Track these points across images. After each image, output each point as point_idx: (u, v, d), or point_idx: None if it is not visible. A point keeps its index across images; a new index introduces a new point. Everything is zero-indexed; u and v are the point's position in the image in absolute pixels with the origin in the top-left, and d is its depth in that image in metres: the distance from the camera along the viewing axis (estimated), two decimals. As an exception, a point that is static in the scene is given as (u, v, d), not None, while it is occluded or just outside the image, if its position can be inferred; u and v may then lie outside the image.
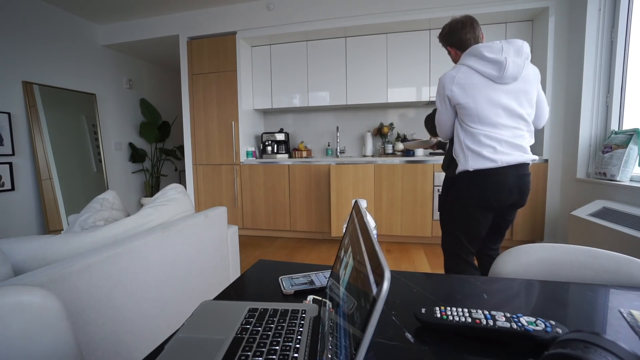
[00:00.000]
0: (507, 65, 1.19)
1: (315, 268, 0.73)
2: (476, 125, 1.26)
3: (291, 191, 3.25)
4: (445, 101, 1.32)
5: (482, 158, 1.25)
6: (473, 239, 1.36)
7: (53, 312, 0.63)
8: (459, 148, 1.33)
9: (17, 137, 2.93)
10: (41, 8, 3.09)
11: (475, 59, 1.25)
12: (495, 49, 1.22)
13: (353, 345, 0.28)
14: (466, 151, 1.29)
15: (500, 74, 1.21)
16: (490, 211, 1.31)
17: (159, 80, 4.69)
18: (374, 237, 0.35)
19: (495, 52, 1.21)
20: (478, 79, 1.24)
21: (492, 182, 1.26)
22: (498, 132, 1.25)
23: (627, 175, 2.06)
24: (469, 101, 1.24)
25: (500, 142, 1.24)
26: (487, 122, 1.24)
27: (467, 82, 1.24)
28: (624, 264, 0.70)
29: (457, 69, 1.28)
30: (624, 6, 2.22)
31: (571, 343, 0.32)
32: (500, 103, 1.24)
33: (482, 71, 1.23)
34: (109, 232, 1.04)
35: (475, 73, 1.24)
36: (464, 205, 1.33)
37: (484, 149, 1.24)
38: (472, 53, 1.26)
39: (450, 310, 0.47)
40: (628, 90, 2.25)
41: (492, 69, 1.22)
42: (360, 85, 3.29)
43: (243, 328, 0.46)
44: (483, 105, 1.24)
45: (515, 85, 1.24)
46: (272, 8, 3.21)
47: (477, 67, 1.24)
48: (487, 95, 1.23)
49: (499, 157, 1.23)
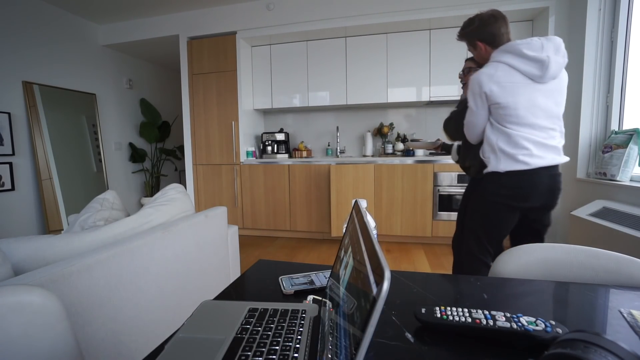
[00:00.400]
0: (549, 64, 1.15)
1: (315, 268, 0.73)
2: (513, 126, 1.21)
3: (291, 191, 3.25)
4: (481, 99, 1.24)
5: (515, 161, 1.21)
6: (494, 240, 1.32)
7: (53, 312, 0.63)
8: (489, 149, 1.27)
9: (17, 137, 2.93)
10: (41, 8, 3.09)
11: (513, 56, 1.18)
12: (535, 47, 1.16)
13: (353, 345, 0.28)
14: (499, 153, 1.24)
15: (542, 73, 1.16)
16: (517, 212, 1.27)
17: (159, 80, 4.69)
18: (374, 237, 0.35)
19: (536, 50, 1.16)
20: (518, 77, 1.18)
21: (523, 182, 1.22)
22: (534, 134, 1.21)
23: (627, 175, 2.06)
24: (508, 101, 1.18)
25: (536, 145, 1.21)
26: (525, 122, 1.20)
27: (507, 80, 1.18)
28: (624, 264, 0.70)
29: (494, 67, 1.21)
30: (624, 6, 2.22)
31: (571, 343, 0.32)
32: (538, 103, 1.20)
33: (523, 70, 1.17)
34: (109, 232, 1.04)
35: (515, 71, 1.18)
36: (491, 204, 1.29)
37: (520, 152, 1.20)
38: (509, 50, 1.20)
39: (450, 310, 0.47)
40: (628, 90, 2.25)
41: (533, 67, 1.17)
42: (360, 85, 3.29)
43: (243, 328, 0.46)
44: (522, 106, 1.18)
45: (552, 84, 1.20)
46: (272, 8, 3.21)
47: (517, 66, 1.18)
48: (527, 95, 1.18)
49: (534, 161, 1.20)
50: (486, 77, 1.20)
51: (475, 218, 1.36)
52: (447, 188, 2.89)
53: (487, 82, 1.20)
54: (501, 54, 1.22)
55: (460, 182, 2.86)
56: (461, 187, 2.86)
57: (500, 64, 1.20)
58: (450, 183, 2.88)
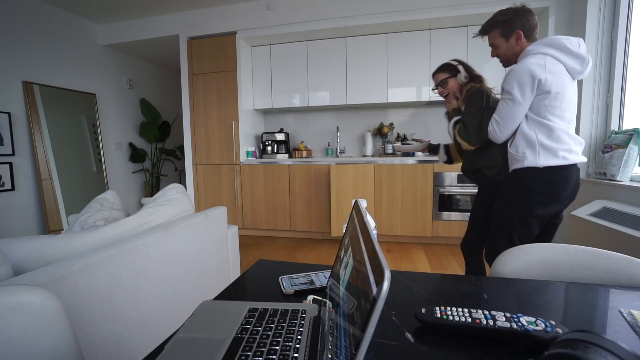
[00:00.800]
0: (588, 61, 1.19)
1: (315, 268, 0.73)
2: (555, 119, 1.20)
3: (291, 191, 3.25)
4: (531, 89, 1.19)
5: (555, 156, 1.20)
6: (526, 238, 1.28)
7: (53, 312, 0.63)
8: (525, 144, 1.24)
9: (17, 137, 2.93)
10: (41, 8, 3.09)
11: (556, 50, 1.19)
12: (575, 43, 1.19)
13: (353, 345, 0.28)
14: (538, 148, 1.21)
15: (582, 69, 1.20)
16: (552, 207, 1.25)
17: (159, 80, 4.69)
18: (374, 237, 0.35)
19: (576, 47, 1.19)
20: (563, 70, 1.19)
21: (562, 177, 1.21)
22: (570, 129, 1.22)
23: (627, 175, 2.06)
24: (559, 90, 1.18)
25: (574, 140, 1.22)
26: (566, 116, 1.21)
27: (557, 71, 1.18)
28: (624, 264, 0.70)
29: (542, 57, 1.19)
30: (624, 6, 2.22)
31: (571, 343, 0.32)
32: (573, 98, 1.23)
33: (567, 64, 1.19)
34: (109, 232, 1.04)
35: (561, 65, 1.19)
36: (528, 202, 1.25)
37: (560, 146, 1.20)
38: (551, 44, 1.20)
39: (450, 310, 0.48)
40: (628, 90, 2.25)
41: (576, 63, 1.19)
42: (360, 85, 3.29)
43: (243, 328, 0.46)
44: (567, 98, 1.20)
45: (577, 82, 1.25)
46: (272, 8, 3.21)
47: (562, 59, 1.19)
48: (569, 89, 1.20)
49: (571, 157, 1.21)
50: (538, 67, 1.18)
51: (508, 217, 1.30)
52: (448, 188, 2.89)
53: (540, 71, 1.17)
54: (543, 46, 1.21)
55: (460, 182, 2.86)
56: (461, 187, 2.86)
57: (547, 55, 1.20)
58: (450, 183, 2.88)
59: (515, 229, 1.29)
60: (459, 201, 2.88)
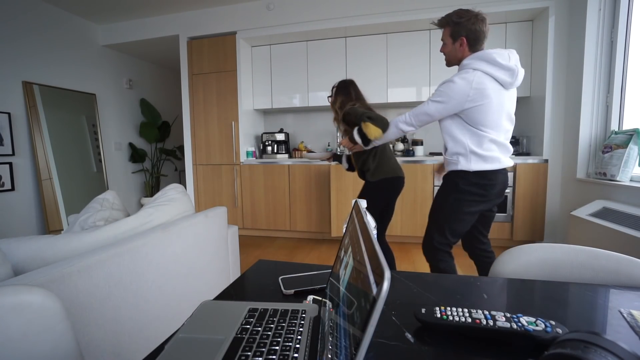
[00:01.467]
0: (518, 72, 1.28)
1: (315, 268, 0.73)
2: (484, 129, 1.31)
3: (291, 191, 3.25)
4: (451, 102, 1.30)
5: (484, 162, 1.33)
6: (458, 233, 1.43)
7: (53, 312, 0.63)
8: (458, 150, 1.37)
9: (17, 137, 2.93)
10: (41, 8, 3.09)
11: (488, 64, 1.28)
12: (505, 57, 1.27)
13: (353, 345, 0.28)
14: (469, 154, 1.34)
15: (513, 80, 1.29)
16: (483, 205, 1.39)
17: (159, 80, 4.69)
18: (374, 237, 0.35)
19: (506, 60, 1.27)
20: (492, 84, 1.28)
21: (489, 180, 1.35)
22: (500, 136, 1.34)
23: (627, 175, 2.06)
24: (484, 104, 1.28)
25: (499, 146, 1.34)
26: (494, 125, 1.31)
27: (484, 86, 1.27)
28: (624, 264, 0.70)
29: (472, 74, 1.28)
30: (624, 6, 2.22)
31: (571, 343, 0.32)
32: (505, 108, 1.32)
33: (498, 77, 1.28)
34: (109, 232, 1.04)
35: (490, 79, 1.28)
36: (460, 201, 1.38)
37: (489, 153, 1.32)
38: (483, 58, 1.29)
39: (450, 310, 0.47)
40: (628, 90, 2.25)
41: (506, 75, 1.28)
42: (360, 85, 3.26)
43: (243, 328, 0.46)
44: (494, 110, 1.29)
45: (512, 91, 1.35)
46: (272, 8, 3.21)
47: (492, 73, 1.28)
48: (498, 100, 1.29)
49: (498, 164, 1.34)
50: (464, 83, 1.28)
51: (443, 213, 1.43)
52: (447, 188, 2.89)
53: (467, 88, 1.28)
54: (476, 61, 1.30)
55: (460, 182, 2.86)
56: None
57: (476, 71, 1.29)
58: (450, 183, 2.88)
59: (448, 225, 1.42)
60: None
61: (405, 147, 3.39)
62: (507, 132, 1.37)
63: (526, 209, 2.78)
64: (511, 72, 1.28)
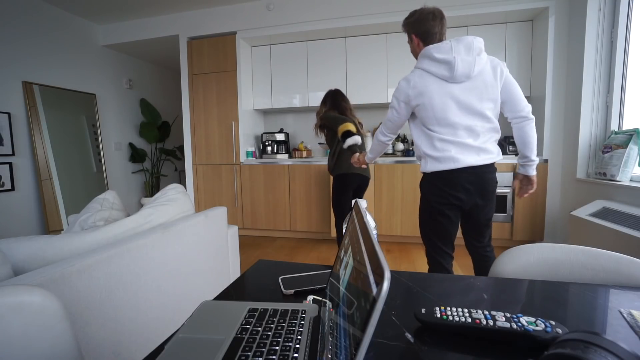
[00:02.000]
0: (456, 64, 1.19)
1: (315, 268, 0.73)
2: (434, 127, 1.27)
3: (291, 191, 3.25)
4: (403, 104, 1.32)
5: (438, 162, 1.28)
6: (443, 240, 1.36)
7: (53, 312, 0.63)
8: (418, 153, 1.38)
9: (17, 137, 2.93)
10: (41, 8, 3.09)
11: (428, 60, 1.25)
12: (445, 49, 1.21)
13: (353, 345, 0.28)
14: (425, 157, 1.32)
15: (452, 74, 1.21)
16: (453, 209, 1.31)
17: (159, 80, 4.69)
18: (374, 237, 0.35)
19: (445, 52, 1.21)
20: (432, 80, 1.24)
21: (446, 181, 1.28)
22: (454, 134, 1.25)
23: (627, 175, 2.06)
24: (425, 103, 1.25)
25: (456, 145, 1.25)
26: (445, 123, 1.25)
27: (422, 84, 1.25)
28: (624, 264, 0.70)
29: (413, 73, 1.29)
30: (624, 6, 2.22)
31: (571, 343, 0.32)
32: (455, 103, 1.24)
33: (435, 72, 1.23)
34: (109, 232, 1.04)
35: (429, 75, 1.25)
36: (428, 206, 1.35)
37: (441, 154, 1.27)
38: (424, 55, 1.26)
39: (450, 310, 0.47)
40: (628, 90, 2.25)
41: (443, 69, 1.22)
42: (360, 85, 3.29)
43: (243, 328, 0.46)
44: (439, 107, 1.24)
45: (471, 83, 1.23)
46: (272, 8, 3.21)
47: (430, 69, 1.24)
48: (441, 97, 1.23)
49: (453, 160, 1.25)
50: (404, 84, 1.29)
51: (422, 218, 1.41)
52: (447, 188, 2.89)
53: (406, 88, 1.28)
54: (420, 59, 1.29)
55: (460, 182, 2.86)
56: (461, 187, 2.86)
57: (417, 69, 1.28)
58: (450, 183, 2.88)
59: (429, 229, 1.38)
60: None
61: (405, 147, 3.39)
62: (469, 130, 1.25)
63: (526, 209, 2.78)
64: (448, 65, 1.20)
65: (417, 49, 1.34)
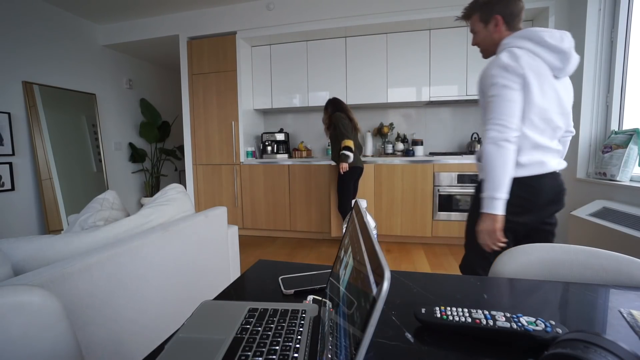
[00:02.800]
0: (571, 56, 1.03)
1: (315, 268, 0.73)
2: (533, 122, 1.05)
3: (291, 191, 3.25)
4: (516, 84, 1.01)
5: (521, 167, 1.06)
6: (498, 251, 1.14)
7: (53, 312, 0.63)
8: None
9: (17, 137, 2.93)
10: (41, 8, 3.09)
11: (534, 44, 1.04)
12: (557, 37, 1.02)
13: (353, 345, 0.28)
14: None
15: (564, 66, 1.03)
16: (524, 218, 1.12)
17: (159, 80, 4.69)
18: (374, 237, 0.35)
19: (557, 40, 1.02)
20: (544, 67, 1.03)
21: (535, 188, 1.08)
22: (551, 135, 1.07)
23: (627, 175, 2.06)
24: (537, 90, 1.02)
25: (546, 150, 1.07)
26: (545, 118, 1.05)
27: (535, 65, 1.02)
28: (624, 264, 0.70)
29: (517, 51, 1.03)
30: (624, 6, 2.22)
31: (571, 343, 0.32)
32: (556, 99, 1.05)
33: (546, 59, 1.03)
34: (109, 232, 1.04)
35: (540, 60, 1.03)
36: None
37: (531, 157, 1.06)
38: (528, 37, 1.05)
39: (450, 310, 0.47)
40: (628, 90, 2.25)
41: (555, 59, 1.03)
42: (360, 85, 3.29)
43: (243, 328, 0.46)
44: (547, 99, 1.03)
45: (565, 81, 1.08)
46: (272, 8, 3.21)
47: (539, 53, 1.03)
48: (550, 88, 1.04)
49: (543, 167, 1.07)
50: (512, 60, 1.01)
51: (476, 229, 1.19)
52: (447, 188, 2.89)
53: (514, 63, 1.01)
54: (518, 39, 1.06)
55: (460, 182, 2.86)
56: (461, 187, 2.86)
57: (521, 49, 1.03)
58: (450, 183, 2.88)
59: None
60: (459, 201, 2.88)
61: (405, 147, 3.39)
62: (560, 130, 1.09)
63: (526, 209, 2.77)
64: (562, 55, 1.02)
65: (495, 35, 1.13)
